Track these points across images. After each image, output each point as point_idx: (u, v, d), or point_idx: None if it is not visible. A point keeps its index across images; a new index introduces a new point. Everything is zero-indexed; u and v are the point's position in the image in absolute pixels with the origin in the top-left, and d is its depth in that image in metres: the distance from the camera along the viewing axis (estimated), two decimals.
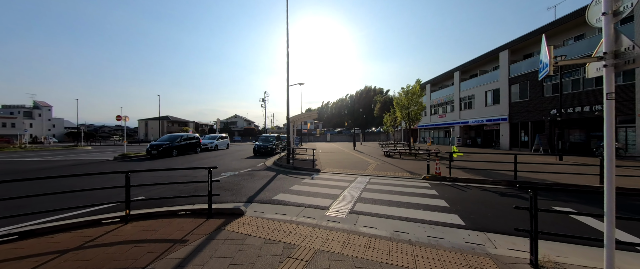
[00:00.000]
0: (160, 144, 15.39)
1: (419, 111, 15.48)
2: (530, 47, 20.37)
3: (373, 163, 11.86)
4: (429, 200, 5.41)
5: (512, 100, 20.73)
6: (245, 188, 6.68)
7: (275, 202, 5.33)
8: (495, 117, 22.30)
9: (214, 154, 18.21)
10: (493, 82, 22.73)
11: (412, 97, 15.32)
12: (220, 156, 16.20)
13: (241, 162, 12.75)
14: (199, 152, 18.85)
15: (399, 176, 8.42)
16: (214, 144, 21.78)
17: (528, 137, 19.27)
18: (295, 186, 6.89)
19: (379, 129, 64.52)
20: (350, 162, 12.42)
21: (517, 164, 7.32)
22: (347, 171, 9.44)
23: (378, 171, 9.40)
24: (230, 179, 8.07)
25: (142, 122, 61.54)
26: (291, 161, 10.89)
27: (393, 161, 12.90)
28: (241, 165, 11.66)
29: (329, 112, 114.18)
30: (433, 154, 14.51)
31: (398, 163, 11.83)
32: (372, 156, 15.55)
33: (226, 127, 66.06)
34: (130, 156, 14.53)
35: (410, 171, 9.51)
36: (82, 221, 4.01)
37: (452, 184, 7.28)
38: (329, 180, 7.79)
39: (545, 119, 17.68)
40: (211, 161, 13.47)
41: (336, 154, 17.10)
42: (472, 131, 27.72)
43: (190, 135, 18.27)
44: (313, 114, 18.23)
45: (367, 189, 6.48)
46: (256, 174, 9.08)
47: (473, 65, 26.45)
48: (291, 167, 10.47)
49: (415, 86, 15.51)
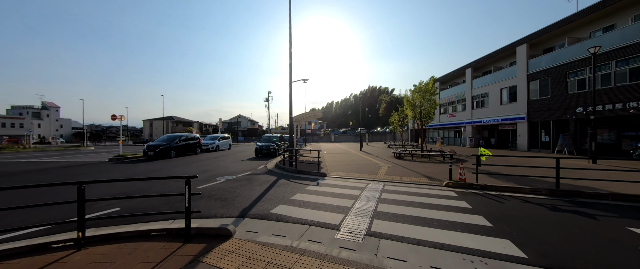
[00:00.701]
0: (157, 144, 14.64)
1: (432, 110, 14.35)
2: (551, 40, 18.96)
3: (384, 166, 10.81)
4: (464, 216, 4.36)
5: (530, 97, 19.34)
6: (239, 197, 5.73)
7: (273, 217, 4.36)
8: (511, 116, 20.91)
9: (214, 155, 17.41)
10: (509, 78, 21.34)
11: (425, 95, 14.19)
12: (220, 158, 15.37)
13: (241, 165, 11.86)
14: (199, 153, 18.09)
15: (417, 183, 7.37)
16: (215, 144, 21.02)
17: (549, 137, 17.87)
18: (298, 194, 5.92)
19: (384, 129, 63.15)
20: (358, 164, 11.40)
21: (559, 169, 6.17)
22: (356, 176, 8.43)
23: (391, 176, 8.35)
24: (225, 185, 7.14)
25: (147, 122, 61.63)
26: (294, 163, 9.94)
27: (405, 163, 11.82)
28: (240, 168, 10.77)
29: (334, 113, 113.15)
30: (448, 155, 13.40)
31: (411, 166, 10.75)
32: (381, 158, 14.48)
33: (230, 128, 65.67)
34: (126, 157, 13.82)
35: (428, 175, 8.43)
36: (25, 246, 3.12)
37: (481, 193, 6.20)
38: (337, 187, 6.79)
39: (569, 118, 16.29)
40: (209, 163, 12.63)
41: (342, 156, 16.09)
42: (486, 130, 26.30)
43: (190, 135, 17.52)
44: (317, 114, 17.25)
45: (383, 199, 5.46)
46: (255, 178, 8.15)
47: (486, 62, 25.06)
48: (294, 171, 9.52)
49: (429, 83, 14.38)
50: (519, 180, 7.25)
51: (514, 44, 20.78)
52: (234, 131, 64.34)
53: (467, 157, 13.91)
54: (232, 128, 65.08)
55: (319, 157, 9.28)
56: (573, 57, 16.04)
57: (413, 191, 6.30)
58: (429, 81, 14.51)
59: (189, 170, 10.05)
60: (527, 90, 19.50)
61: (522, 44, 19.91)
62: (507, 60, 23.23)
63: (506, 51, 22.04)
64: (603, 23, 15.82)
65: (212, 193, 6.10)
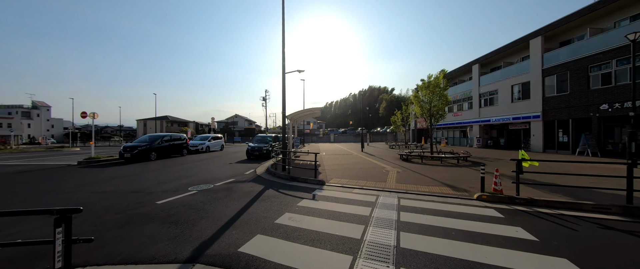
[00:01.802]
0: (135, 146, 13.03)
1: (443, 106, 12.85)
2: (568, 32, 17.51)
3: (392, 170, 9.27)
4: (540, 259, 2.82)
5: (546, 94, 17.90)
6: (205, 220, 4.17)
7: (241, 263, 2.79)
8: (524, 115, 19.47)
9: (202, 157, 15.82)
10: (521, 74, 19.90)
11: (435, 90, 12.69)
12: (207, 160, 13.79)
13: (227, 169, 10.29)
14: (185, 155, 16.48)
15: (440, 194, 5.83)
16: (205, 145, 19.41)
17: (568, 137, 16.42)
18: (287, 215, 4.37)
19: (385, 129, 61.74)
20: (361, 168, 9.86)
21: (632, 179, 4.65)
22: (361, 184, 6.89)
23: (404, 184, 6.82)
24: (195, 198, 5.58)
25: (141, 122, 59.79)
26: (288, 168, 8.39)
27: (415, 167, 10.30)
28: (225, 173, 9.20)
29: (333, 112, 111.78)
30: (462, 157, 11.89)
31: (424, 170, 9.23)
32: (387, 160, 12.96)
33: (226, 128, 63.98)
34: (99, 160, 12.20)
35: (448, 183, 6.91)
36: None
37: (531, 210, 4.67)
38: (339, 202, 5.25)
39: (592, 116, 14.83)
40: (192, 166, 11.05)
41: (343, 158, 14.55)
42: (494, 130, 24.85)
43: (175, 135, 15.92)
44: (315, 112, 15.71)
45: (405, 225, 3.92)
46: (237, 188, 6.58)
47: (495, 57, 23.60)
48: (287, 178, 7.97)
49: (439, 77, 12.86)
50: (570, 192, 5.74)
51: (527, 37, 19.34)
52: (231, 131, 62.66)
53: (483, 159, 12.41)
54: (229, 128, 63.40)
55: (316, 160, 7.75)
56: (596, 49, 14.60)
57: (441, 208, 4.76)
58: (438, 74, 13.00)
59: (161, 176, 8.48)
60: (542, 86, 18.05)
61: (536, 36, 18.46)
62: (518, 55, 21.79)
63: (517, 45, 20.59)
64: (630, 11, 14.37)
65: (171, 213, 4.53)
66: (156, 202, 5.21)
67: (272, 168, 9.50)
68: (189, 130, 45.97)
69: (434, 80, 12.88)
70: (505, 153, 17.11)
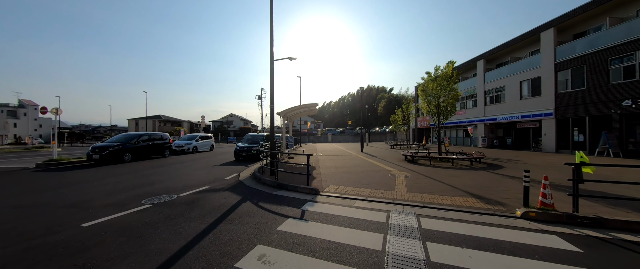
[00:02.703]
0: (106, 146, 11.48)
1: (453, 101, 11.50)
2: (583, 23, 16.29)
3: (398, 174, 7.88)
4: None
5: (559, 90, 16.67)
6: (129, 260, 2.72)
7: None
8: (534, 112, 18.23)
9: (185, 158, 14.31)
10: (531, 69, 18.66)
11: (443, 83, 11.34)
12: (189, 162, 12.30)
13: (206, 173, 8.82)
14: (167, 155, 14.95)
15: (468, 208, 4.45)
16: (192, 145, 17.85)
17: (585, 136, 15.18)
18: (259, 249, 2.94)
19: (384, 129, 60.52)
20: (363, 172, 8.46)
21: None
22: (365, 193, 5.48)
23: (419, 194, 5.42)
24: (141, 217, 4.12)
25: (133, 121, 57.83)
26: (276, 172, 6.95)
27: (424, 170, 8.92)
28: (200, 178, 7.73)
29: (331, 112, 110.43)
30: (475, 159, 10.55)
31: (436, 174, 7.85)
32: (390, 162, 11.58)
33: (221, 127, 62.28)
34: (62, 162, 10.64)
35: (472, 192, 5.53)
36: None
37: (610, 237, 3.29)
38: (337, 221, 3.83)
39: (613, 113, 13.59)
40: (167, 170, 9.56)
41: (341, 159, 13.15)
42: (500, 129, 23.64)
43: (156, 134, 14.38)
44: (311, 108, 14.27)
45: (438, 266, 2.51)
46: (204, 201, 5.13)
47: (501, 52, 22.36)
48: (273, 185, 6.54)
49: (448, 68, 11.51)
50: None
51: (538, 30, 18.10)
52: (226, 130, 60.98)
53: (497, 160, 11.05)
54: (224, 128, 61.69)
55: (308, 163, 6.30)
56: (617, 40, 13.36)
57: (481, 233, 3.36)
58: (447, 65, 11.64)
59: (121, 183, 6.99)
60: (555, 82, 16.82)
61: (548, 28, 17.22)
62: (526, 50, 20.56)
63: (527, 39, 19.35)
64: None
65: (90, 244, 3.07)
66: (82, 224, 3.74)
67: (259, 172, 8.06)
68: (182, 129, 44.29)
69: (443, 72, 11.51)
70: (516, 154, 15.82)
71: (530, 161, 11.72)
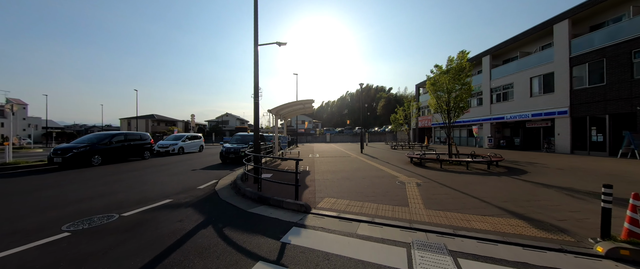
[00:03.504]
0: (69, 147, 10.05)
1: (467, 97, 10.21)
2: (601, 14, 15.09)
3: (408, 182, 6.55)
4: None
5: (574, 86, 15.45)
6: None
7: None
8: (546, 110, 17.02)
9: (167, 160, 12.91)
10: (542, 64, 17.45)
11: (456, 75, 10.04)
12: (167, 165, 10.91)
13: (179, 180, 7.45)
14: (148, 157, 13.52)
15: (518, 237, 3.13)
16: (177, 146, 16.41)
17: (604, 136, 13.97)
18: None
19: (383, 129, 59.31)
20: (366, 178, 7.13)
21: None
22: (371, 211, 4.15)
23: (443, 212, 4.09)
24: (35, 258, 2.74)
25: (124, 121, 56.04)
26: (260, 179, 5.58)
27: (436, 176, 7.60)
28: (168, 187, 6.36)
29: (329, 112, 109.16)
30: (493, 162, 9.24)
31: (453, 182, 6.54)
32: (395, 165, 10.27)
33: (216, 127, 60.73)
34: (17, 166, 9.19)
35: (514, 210, 4.21)
36: None
37: None
38: (334, 263, 2.48)
39: (638, 111, 12.38)
40: (137, 176, 8.17)
41: (340, 162, 11.82)
42: (508, 128, 22.45)
43: (133, 134, 12.94)
44: (307, 106, 12.94)
45: None
46: (153, 225, 3.76)
47: (509, 47, 21.15)
48: (255, 197, 5.18)
49: (462, 57, 10.20)
50: None
51: (551, 22, 16.87)
52: (221, 130, 59.43)
53: (515, 163, 9.74)
54: (219, 127, 60.13)
55: (297, 170, 4.93)
56: None
57: None
58: (460, 54, 10.34)
59: (63, 196, 5.60)
60: (570, 77, 15.60)
61: (562, 20, 16.00)
62: (536, 44, 19.34)
63: (537, 32, 18.13)
64: None
65: None
66: None
67: (241, 180, 6.70)
68: (176, 129, 42.72)
69: (456, 64, 10.20)
70: (527, 155, 14.57)
71: (552, 163, 10.44)
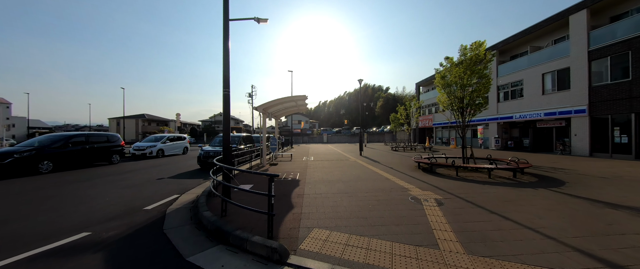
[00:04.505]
0: (10, 152, 8.32)
1: (485, 91, 8.74)
2: (624, 3, 13.74)
3: (424, 198, 5.00)
4: None
5: (593, 82, 14.10)
6: None
7: None
8: (561, 109, 15.66)
9: (140, 166, 11.23)
10: (556, 59, 16.10)
11: (472, 67, 8.56)
12: (134, 173, 9.24)
13: (133, 194, 5.80)
14: (116, 162, 11.80)
15: None
16: (156, 148, 14.68)
17: (629, 137, 12.61)
18: None
19: (382, 129, 57.93)
20: (368, 192, 5.57)
21: None
22: (383, 261, 2.57)
23: (500, 264, 2.53)
24: None
25: (113, 121, 53.85)
26: (226, 202, 3.94)
27: (458, 188, 6.07)
28: (111, 207, 4.73)
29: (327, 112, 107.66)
30: (518, 168, 7.73)
31: (486, 200, 5.01)
32: (400, 172, 8.73)
33: (210, 127, 58.82)
34: None
35: (605, 257, 2.67)
36: None
37: None
38: None
39: None
40: (86, 186, 6.50)
41: (337, 167, 10.25)
42: (516, 128, 21.08)
43: (98, 135, 11.23)
44: (300, 104, 11.36)
45: None
46: None
47: (517, 42, 19.78)
48: (211, 229, 3.57)
49: (480, 46, 8.73)
50: None
51: (565, 13, 15.52)
52: (215, 130, 57.53)
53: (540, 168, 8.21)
54: (213, 127, 58.23)
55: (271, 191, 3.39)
56: None
57: None
58: (475, 44, 8.86)
59: None
60: (588, 72, 14.24)
61: (580, 11, 14.64)
62: (548, 38, 18.00)
63: (549, 25, 16.76)
64: None
65: None
66: None
67: (204, 199, 5.08)
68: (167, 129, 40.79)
69: (473, 54, 8.70)
70: (541, 158, 13.13)
71: (583, 169, 8.96)
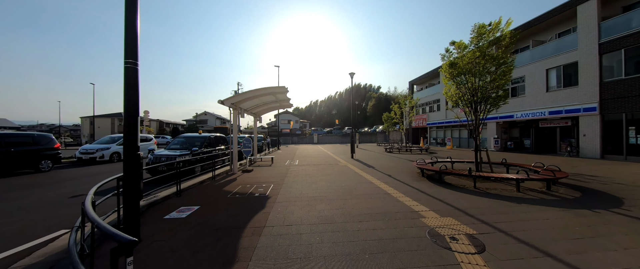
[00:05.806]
0: None
1: (505, 82, 7.15)
2: None
3: (450, 235, 3.20)
4: None
5: (604, 78, 12.91)
6: None
7: None
8: (568, 107, 14.46)
9: (71, 174, 8.91)
10: (562, 53, 14.91)
11: (495, 56, 6.92)
12: (59, 183, 7.01)
13: (25, 220, 3.66)
14: (48, 169, 9.39)
15: None
16: (108, 152, 12.23)
17: None
18: None
19: (374, 129, 56.63)
20: (367, 222, 3.74)
21: None
22: None
23: None
24: None
25: (86, 120, 49.62)
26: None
27: (485, 208, 4.33)
28: None
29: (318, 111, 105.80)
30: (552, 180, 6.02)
31: (532, 232, 3.28)
32: (401, 181, 6.95)
33: (193, 126, 55.58)
34: None
35: None
36: None
37: None
38: None
39: None
40: None
41: (324, 174, 8.36)
42: (516, 128, 19.92)
43: (22, 136, 8.83)
44: (281, 99, 9.33)
45: None
46: None
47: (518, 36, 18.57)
48: None
49: (505, 27, 7.13)
50: None
51: (572, 3, 14.31)
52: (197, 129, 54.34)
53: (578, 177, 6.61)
54: (196, 127, 55.02)
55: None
56: None
57: None
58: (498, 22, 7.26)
59: None
60: (599, 67, 13.05)
61: (588, 0, 13.46)
62: (551, 31, 16.85)
63: (554, 16, 15.57)
64: None
65: None
66: None
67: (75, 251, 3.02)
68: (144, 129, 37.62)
69: (491, 35, 7.05)
70: (549, 160, 11.74)
71: (615, 176, 7.47)
